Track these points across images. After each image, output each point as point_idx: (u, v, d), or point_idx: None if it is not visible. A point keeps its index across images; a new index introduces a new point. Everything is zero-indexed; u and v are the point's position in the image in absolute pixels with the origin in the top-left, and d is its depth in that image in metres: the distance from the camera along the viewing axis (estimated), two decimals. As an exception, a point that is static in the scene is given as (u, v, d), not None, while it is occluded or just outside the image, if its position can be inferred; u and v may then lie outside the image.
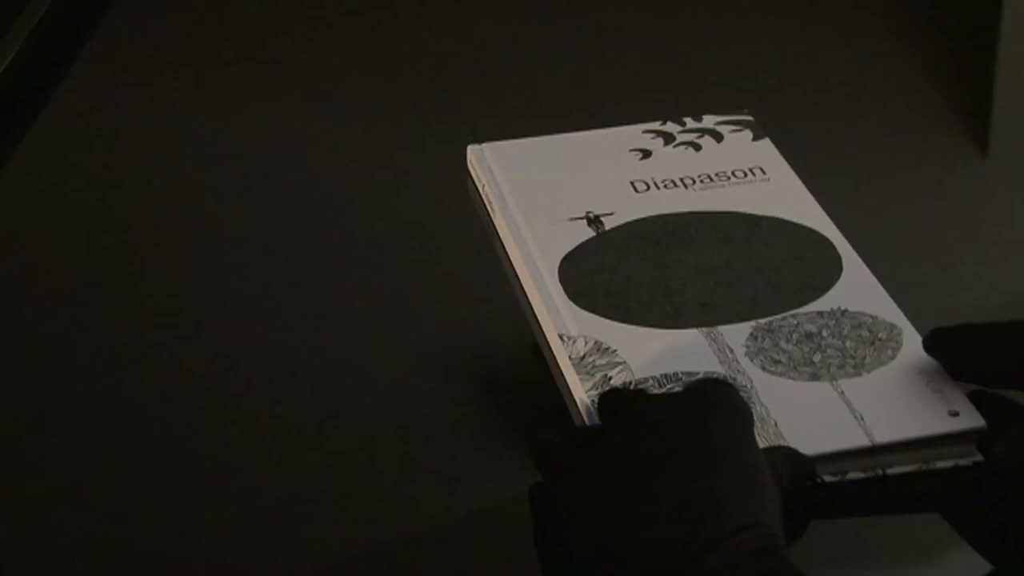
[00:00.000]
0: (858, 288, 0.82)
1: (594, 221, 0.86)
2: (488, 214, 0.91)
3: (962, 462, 0.79)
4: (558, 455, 0.73)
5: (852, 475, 0.79)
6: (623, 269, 0.84)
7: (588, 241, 0.86)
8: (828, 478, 0.79)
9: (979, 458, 0.79)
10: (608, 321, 0.81)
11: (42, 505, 0.85)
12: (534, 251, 0.86)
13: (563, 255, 0.85)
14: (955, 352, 0.76)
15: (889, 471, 0.79)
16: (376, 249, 1.02)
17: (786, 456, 0.73)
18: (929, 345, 0.77)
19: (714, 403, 0.70)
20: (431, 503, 0.83)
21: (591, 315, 0.82)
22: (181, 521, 0.83)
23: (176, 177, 1.11)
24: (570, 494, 0.71)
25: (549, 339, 0.82)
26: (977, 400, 0.75)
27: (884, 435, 0.74)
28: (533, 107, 0.95)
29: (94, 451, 0.88)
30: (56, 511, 0.84)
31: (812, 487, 0.79)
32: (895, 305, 0.81)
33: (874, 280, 0.82)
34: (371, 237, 1.03)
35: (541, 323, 0.84)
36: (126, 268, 1.03)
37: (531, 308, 0.85)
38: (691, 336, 0.79)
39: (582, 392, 0.78)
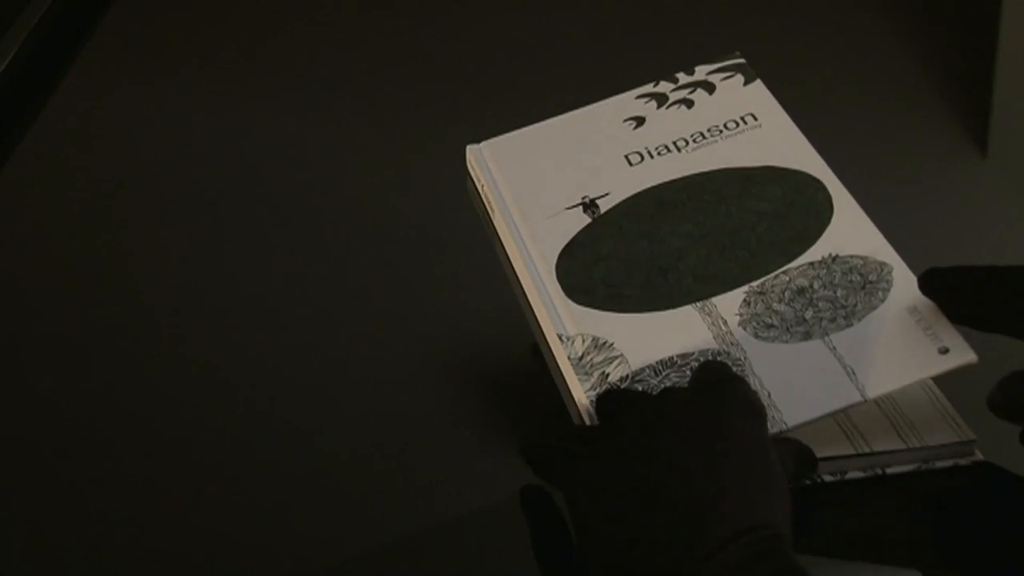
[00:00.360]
0: (849, 229, 0.81)
1: (589, 206, 0.86)
2: (488, 214, 0.91)
3: (962, 462, 0.79)
4: (558, 457, 0.73)
5: (852, 475, 0.79)
6: (619, 253, 0.84)
7: (583, 230, 0.86)
8: (828, 478, 0.79)
9: (979, 458, 0.79)
10: (605, 313, 0.81)
11: (42, 505, 0.85)
12: (532, 249, 0.86)
13: (560, 249, 0.85)
14: (950, 293, 0.75)
15: (888, 471, 0.79)
16: (376, 249, 1.02)
17: (791, 450, 0.73)
18: (924, 285, 0.76)
19: (724, 402, 0.69)
20: (431, 503, 0.83)
21: (588, 310, 0.82)
22: (181, 521, 0.83)
23: (176, 177, 1.11)
24: (572, 495, 0.71)
25: (548, 340, 0.82)
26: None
27: (875, 389, 0.74)
28: (533, 106, 0.95)
29: (94, 451, 0.88)
30: (56, 511, 0.84)
31: (812, 487, 0.79)
32: (885, 241, 0.81)
33: (864, 217, 0.82)
34: (371, 237, 1.03)
35: (540, 323, 0.84)
36: (126, 268, 1.03)
37: (530, 308, 0.85)
38: (685, 315, 0.80)
39: (581, 392, 0.78)
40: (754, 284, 0.80)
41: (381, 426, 0.88)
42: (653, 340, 0.79)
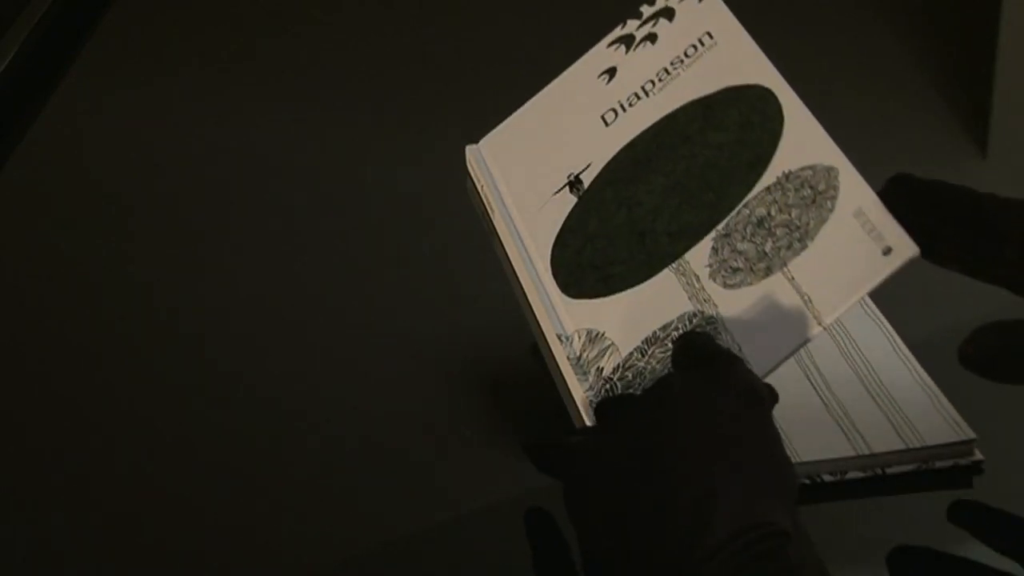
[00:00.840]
0: (799, 137, 0.81)
1: (575, 184, 0.86)
2: (487, 213, 0.91)
3: (962, 462, 0.79)
4: (559, 454, 0.73)
5: (852, 475, 0.79)
6: (603, 230, 0.84)
7: (571, 213, 0.86)
8: (828, 478, 0.79)
9: (978, 458, 0.79)
10: (595, 301, 0.81)
11: (42, 505, 0.85)
12: (530, 248, 0.86)
13: (553, 240, 0.85)
14: (912, 198, 0.75)
15: (888, 471, 0.79)
16: (376, 249, 1.02)
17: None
18: (885, 191, 0.76)
19: (719, 393, 0.69)
20: (431, 503, 0.83)
21: (581, 301, 0.82)
22: (182, 521, 0.83)
23: (176, 177, 1.11)
24: (573, 494, 0.71)
25: (548, 340, 0.82)
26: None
27: (830, 313, 0.74)
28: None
29: (94, 451, 0.88)
30: (56, 511, 0.84)
31: (812, 486, 0.79)
32: (832, 142, 0.80)
33: (811, 119, 0.81)
34: (371, 237, 1.03)
35: (539, 324, 0.84)
36: (127, 268, 1.03)
37: (530, 309, 0.85)
38: (663, 281, 0.80)
39: (581, 393, 0.78)
40: (719, 227, 0.80)
41: (382, 426, 0.88)
42: (638, 318, 0.79)
